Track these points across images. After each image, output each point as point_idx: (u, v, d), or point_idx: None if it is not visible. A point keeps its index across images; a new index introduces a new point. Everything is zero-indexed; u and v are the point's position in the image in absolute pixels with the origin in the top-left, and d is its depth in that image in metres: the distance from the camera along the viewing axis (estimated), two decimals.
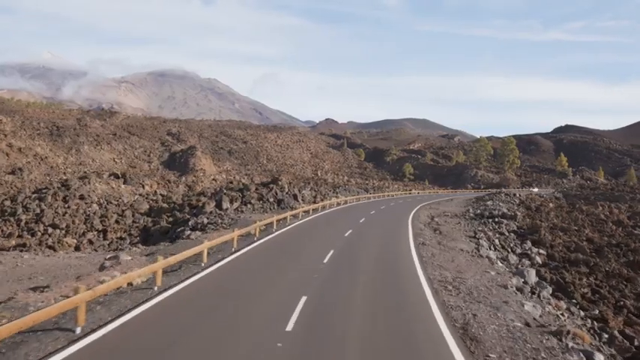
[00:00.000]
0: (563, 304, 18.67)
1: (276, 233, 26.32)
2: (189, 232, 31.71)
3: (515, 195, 69.22)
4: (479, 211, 43.62)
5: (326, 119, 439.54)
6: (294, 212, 33.47)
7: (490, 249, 27.59)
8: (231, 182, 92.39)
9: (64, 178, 58.86)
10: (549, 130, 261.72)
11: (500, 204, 56.12)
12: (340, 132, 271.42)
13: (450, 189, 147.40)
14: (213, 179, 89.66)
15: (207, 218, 35.38)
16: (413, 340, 10.09)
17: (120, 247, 35.80)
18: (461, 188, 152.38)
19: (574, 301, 23.70)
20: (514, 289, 16.61)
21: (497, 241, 31.40)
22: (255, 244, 23.22)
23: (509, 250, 30.91)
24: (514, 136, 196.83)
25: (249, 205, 39.76)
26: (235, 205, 39.63)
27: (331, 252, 20.31)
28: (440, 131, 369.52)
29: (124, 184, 53.70)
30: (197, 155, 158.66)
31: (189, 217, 38.14)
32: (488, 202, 57.65)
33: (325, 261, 18.48)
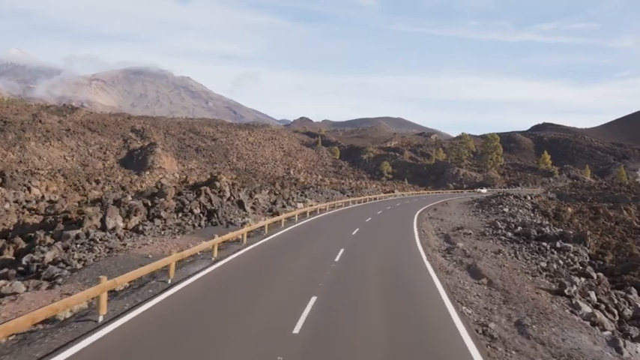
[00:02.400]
0: None
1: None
2: (4, 281, 15.50)
3: (526, 198, 54.42)
4: (519, 229, 27.16)
5: (300, 118, 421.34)
6: (210, 243, 16.98)
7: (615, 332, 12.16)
8: (185, 182, 75.75)
9: None
10: (526, 128, 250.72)
11: (520, 210, 41.29)
12: (315, 130, 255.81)
13: (431, 189, 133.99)
14: (162, 178, 72.78)
15: (64, 250, 19.20)
16: None
17: None
18: (442, 187, 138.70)
19: None
20: None
21: (593, 295, 16.01)
22: None
23: (617, 312, 15.60)
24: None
25: (157, 221, 23.69)
26: (135, 220, 23.56)
27: None
28: (415, 130, 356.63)
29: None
30: (157, 152, 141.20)
31: (52, 241, 21.98)
32: (505, 209, 42.64)
33: None
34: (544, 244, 23.52)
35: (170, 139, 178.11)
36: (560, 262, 20.17)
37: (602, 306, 15.49)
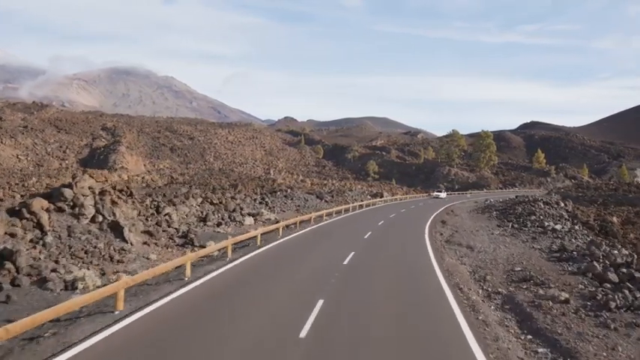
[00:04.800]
0: None
1: None
2: None
3: (559, 204, 40.44)
4: None
5: (285, 117, 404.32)
6: None
7: None
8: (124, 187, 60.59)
9: None
10: (514, 127, 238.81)
11: (574, 227, 27.62)
12: (299, 129, 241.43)
13: (420, 189, 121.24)
14: (105, 181, 57.58)
15: None
16: None
17: None
18: (432, 188, 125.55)
19: None
20: None
21: None
22: None
23: None
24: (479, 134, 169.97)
25: None
26: None
27: None
28: (401, 129, 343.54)
29: None
30: (120, 151, 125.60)
31: None
32: (557, 226, 28.76)
33: None
34: None
35: (144, 137, 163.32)
36: None
37: None
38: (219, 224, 23.86)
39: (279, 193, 44.39)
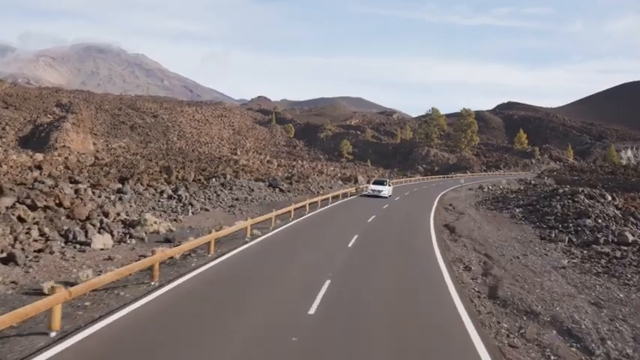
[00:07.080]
0: None
1: None
2: None
3: (605, 198, 27.95)
4: None
5: (258, 97, 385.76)
6: None
7: None
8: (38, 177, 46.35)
9: None
10: (490, 108, 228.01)
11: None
12: (271, 108, 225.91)
13: (397, 171, 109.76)
14: (18, 166, 43.18)
15: None
16: None
17: None
18: (411, 170, 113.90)
19: None
20: None
21: None
22: None
23: None
24: (456, 114, 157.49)
25: None
26: None
27: None
28: (376, 110, 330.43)
29: None
30: (64, 128, 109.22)
31: None
32: None
33: None
34: None
35: (102, 114, 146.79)
36: None
37: None
38: (8, 260, 10.27)
39: (214, 180, 30.80)
